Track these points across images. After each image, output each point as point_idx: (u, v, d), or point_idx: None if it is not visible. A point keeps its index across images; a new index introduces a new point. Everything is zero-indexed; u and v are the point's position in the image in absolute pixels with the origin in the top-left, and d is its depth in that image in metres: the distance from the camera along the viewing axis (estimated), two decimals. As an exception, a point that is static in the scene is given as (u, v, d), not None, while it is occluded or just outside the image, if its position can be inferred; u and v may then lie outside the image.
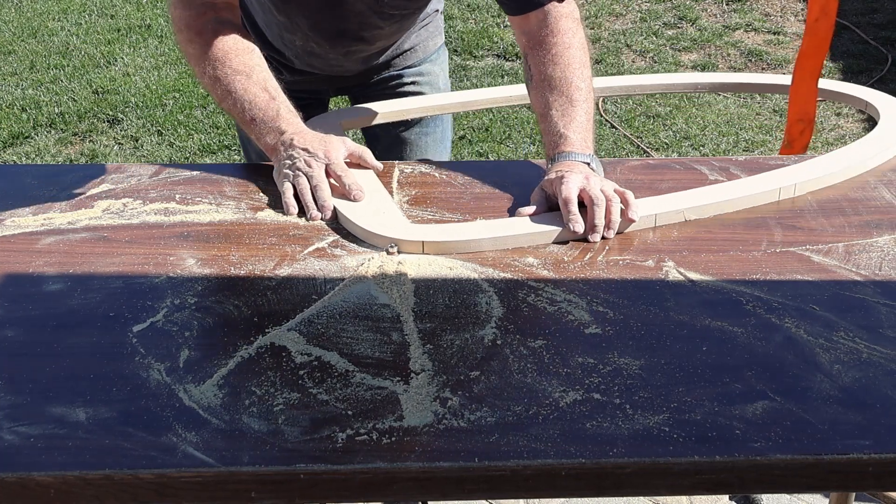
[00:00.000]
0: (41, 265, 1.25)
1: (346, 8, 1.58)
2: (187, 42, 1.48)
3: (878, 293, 1.17)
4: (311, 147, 1.42)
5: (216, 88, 1.47)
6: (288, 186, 1.41)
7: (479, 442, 0.94)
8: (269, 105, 1.46)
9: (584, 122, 1.45)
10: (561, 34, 1.48)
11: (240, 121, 1.49)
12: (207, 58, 1.46)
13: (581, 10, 1.53)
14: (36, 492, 0.92)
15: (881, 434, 0.94)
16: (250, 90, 1.46)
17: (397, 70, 1.83)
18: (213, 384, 1.02)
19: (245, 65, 1.47)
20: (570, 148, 1.41)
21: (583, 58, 1.49)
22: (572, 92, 1.45)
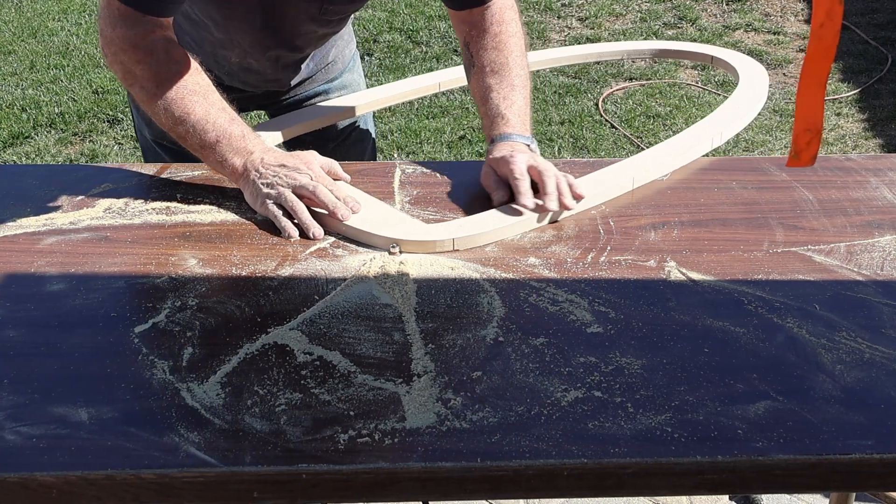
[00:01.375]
0: (43, 265, 1.25)
1: (287, 22, 1.54)
2: (134, 63, 1.35)
3: (880, 293, 1.17)
4: (287, 163, 1.37)
5: (170, 111, 1.36)
6: (274, 208, 1.34)
7: (481, 442, 0.94)
8: (231, 126, 1.38)
9: (523, 106, 1.50)
10: (504, 24, 1.53)
11: (197, 144, 1.38)
12: (159, 78, 1.36)
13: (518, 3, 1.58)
14: (38, 492, 0.92)
15: (883, 434, 0.94)
16: (210, 111, 1.37)
17: (322, 85, 1.80)
18: (216, 384, 1.02)
19: (199, 85, 1.38)
20: (511, 129, 1.45)
21: (522, 47, 1.55)
22: (513, 78, 1.50)
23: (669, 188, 1.44)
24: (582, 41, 4.62)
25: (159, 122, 1.39)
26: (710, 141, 1.55)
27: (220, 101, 1.39)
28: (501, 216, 1.33)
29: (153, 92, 1.36)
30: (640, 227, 1.33)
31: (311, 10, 1.53)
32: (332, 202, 1.33)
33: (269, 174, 1.35)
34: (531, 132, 1.48)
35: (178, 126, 1.37)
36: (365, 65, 4.43)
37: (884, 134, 3.82)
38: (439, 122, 3.86)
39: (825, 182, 1.45)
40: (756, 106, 1.69)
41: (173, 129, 1.38)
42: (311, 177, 1.35)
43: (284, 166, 1.36)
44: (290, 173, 1.35)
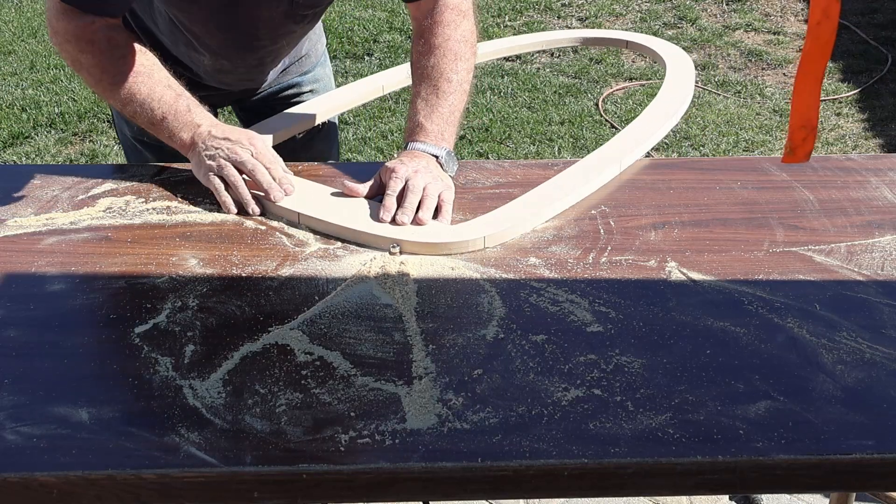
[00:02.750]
0: (43, 265, 1.25)
1: (259, 23, 1.54)
2: (78, 52, 1.39)
3: (881, 293, 1.17)
4: (231, 136, 1.40)
5: (117, 93, 1.40)
6: (216, 181, 1.37)
7: (482, 442, 0.94)
8: (177, 101, 1.41)
9: (447, 115, 1.46)
10: (442, 25, 1.49)
11: (147, 122, 1.42)
12: (103, 64, 1.39)
13: (472, 3, 1.56)
14: (39, 492, 0.92)
15: (884, 434, 0.95)
16: (155, 89, 1.40)
17: (295, 78, 1.80)
18: (216, 384, 1.02)
19: (143, 65, 1.41)
20: (424, 138, 1.43)
21: (460, 50, 1.49)
22: (441, 83, 1.46)
23: (670, 188, 1.44)
24: (582, 41, 4.63)
25: (112, 105, 1.44)
26: (663, 127, 1.58)
27: (165, 78, 1.42)
28: (523, 209, 1.34)
29: (99, 77, 1.40)
30: (641, 227, 1.33)
31: (280, 7, 1.52)
32: (267, 182, 1.37)
33: (213, 146, 1.39)
34: (450, 143, 1.45)
35: (127, 107, 1.41)
36: (365, 65, 4.43)
37: (884, 134, 3.82)
38: (439, 122, 3.86)
39: (825, 182, 1.45)
40: (688, 76, 1.80)
41: (123, 110, 1.42)
42: (251, 153, 1.38)
43: (228, 139, 1.39)
44: (232, 146, 1.38)
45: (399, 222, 1.31)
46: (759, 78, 4.31)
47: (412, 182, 1.35)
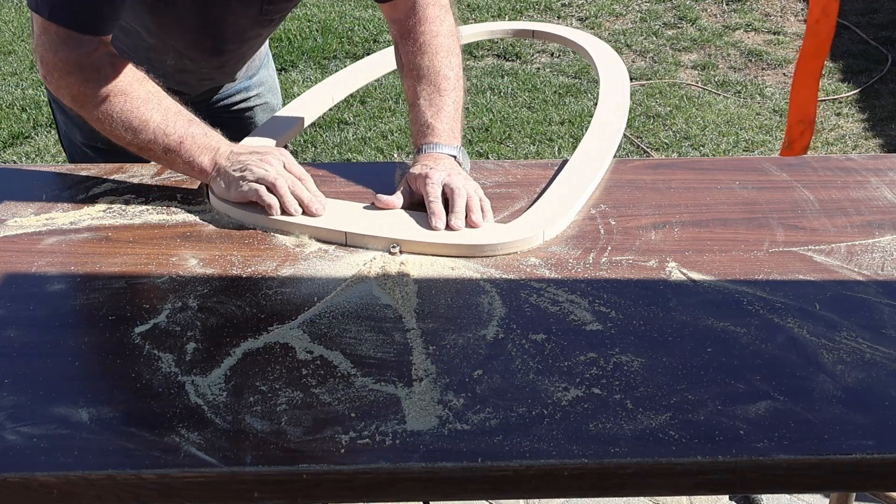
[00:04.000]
0: (43, 265, 1.25)
1: (229, 27, 1.52)
2: (82, 83, 1.33)
3: (881, 293, 1.17)
4: (259, 150, 1.37)
5: (128, 121, 1.34)
6: (254, 185, 1.32)
7: (482, 442, 0.94)
8: (191, 126, 1.37)
9: (452, 113, 1.45)
10: (428, 22, 1.48)
11: (161, 149, 1.35)
12: (111, 93, 1.33)
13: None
14: (39, 492, 0.92)
15: (884, 434, 0.95)
16: (168, 116, 1.36)
17: (243, 82, 1.78)
18: (216, 385, 1.02)
19: (151, 92, 1.37)
20: (437, 139, 1.42)
21: (451, 45, 1.49)
22: (440, 81, 1.45)
23: (670, 188, 1.44)
24: (582, 41, 4.62)
25: (118, 137, 1.36)
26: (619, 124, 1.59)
27: (174, 104, 1.38)
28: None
29: (106, 109, 1.34)
30: (641, 227, 1.33)
31: (250, 13, 1.51)
32: (308, 197, 1.33)
33: (239, 161, 1.35)
34: (460, 140, 1.44)
35: (140, 136, 1.35)
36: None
37: (884, 134, 3.82)
38: (439, 122, 3.86)
39: (826, 182, 1.45)
40: (619, 66, 1.80)
41: (134, 140, 1.35)
42: (284, 165, 1.36)
43: (256, 153, 1.37)
44: (263, 157, 1.35)
45: (453, 227, 1.29)
46: (759, 78, 4.31)
47: (452, 185, 1.33)
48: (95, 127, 1.38)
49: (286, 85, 4.11)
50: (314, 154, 3.67)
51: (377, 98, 4.06)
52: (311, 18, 4.83)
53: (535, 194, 1.41)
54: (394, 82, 4.18)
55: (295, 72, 4.29)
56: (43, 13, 1.30)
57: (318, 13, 4.91)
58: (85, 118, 1.38)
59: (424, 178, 1.34)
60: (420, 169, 1.37)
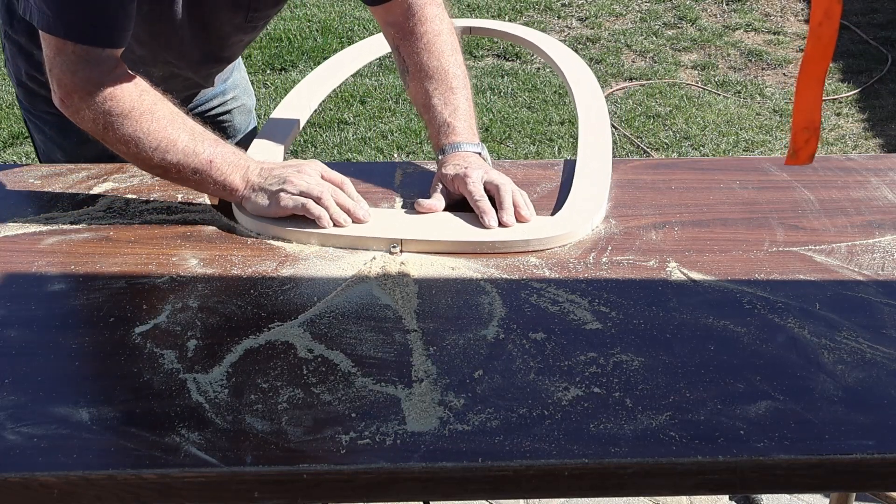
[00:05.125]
0: (44, 265, 1.25)
1: (213, 34, 1.51)
2: (106, 101, 1.28)
3: (881, 293, 1.17)
4: (290, 163, 1.35)
5: (155, 141, 1.29)
6: (299, 199, 1.29)
7: (482, 442, 0.94)
8: (218, 145, 1.33)
9: (467, 109, 1.45)
10: (428, 21, 1.47)
11: (190, 170, 1.31)
12: (137, 113, 1.29)
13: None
14: (39, 492, 0.92)
15: (884, 434, 0.95)
16: (195, 136, 1.32)
17: (220, 86, 1.76)
18: (217, 382, 1.02)
19: (174, 112, 1.33)
20: (459, 138, 1.41)
21: (454, 43, 1.49)
22: (450, 80, 1.45)
23: (670, 188, 1.44)
24: (582, 41, 4.62)
25: (144, 159, 1.32)
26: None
27: (196, 123, 1.35)
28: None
29: (133, 130, 1.29)
30: (641, 227, 1.33)
31: (236, 21, 1.50)
32: (352, 204, 1.31)
33: (275, 175, 1.32)
34: (478, 136, 1.45)
35: (167, 156, 1.30)
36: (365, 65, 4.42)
37: (884, 134, 3.82)
38: (439, 122, 3.86)
39: (826, 182, 1.45)
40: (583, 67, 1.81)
41: (162, 161, 1.31)
42: (322, 174, 1.34)
43: (290, 166, 1.34)
44: (301, 168, 1.33)
45: (506, 224, 1.30)
46: (759, 78, 4.31)
47: (495, 183, 1.33)
48: (117, 149, 1.33)
49: (286, 85, 4.11)
50: (314, 154, 3.66)
51: (377, 98, 4.06)
52: (311, 18, 4.84)
53: (535, 194, 1.41)
54: (394, 82, 4.17)
55: (295, 72, 4.29)
56: (58, 33, 1.25)
57: (318, 13, 4.91)
58: (107, 141, 1.32)
59: (464, 178, 1.34)
60: (454, 170, 1.36)
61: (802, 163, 0.94)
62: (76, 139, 1.62)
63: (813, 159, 0.94)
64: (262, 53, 4.41)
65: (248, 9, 1.50)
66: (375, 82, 4.20)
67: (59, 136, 1.63)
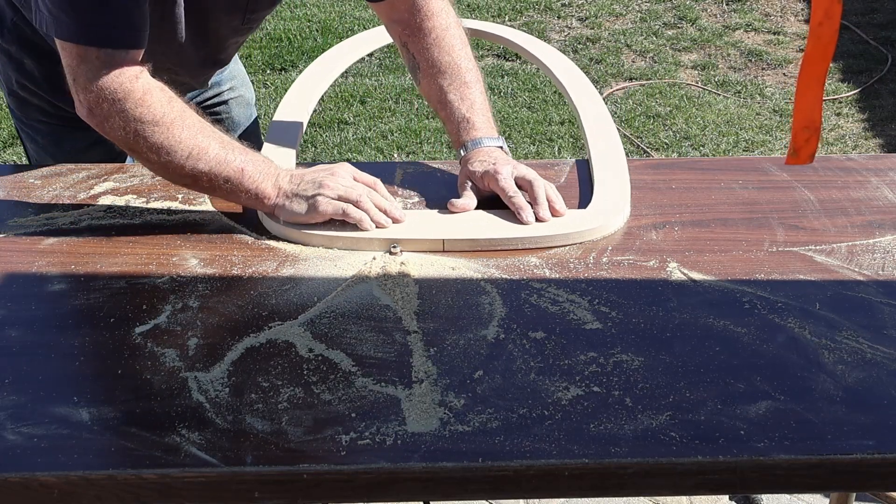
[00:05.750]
0: (44, 265, 1.25)
1: (212, 36, 1.50)
2: (136, 107, 1.25)
3: (881, 293, 1.17)
4: (318, 168, 1.34)
5: (189, 149, 1.27)
6: (338, 204, 1.27)
7: (483, 442, 0.94)
8: (247, 153, 1.31)
9: (483, 103, 1.45)
10: (435, 16, 1.46)
11: (222, 179, 1.28)
12: (168, 120, 1.26)
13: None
14: (39, 492, 0.92)
15: (885, 434, 0.95)
16: (224, 144, 1.29)
17: (215, 77, 1.75)
18: (217, 384, 1.02)
19: (200, 121, 1.31)
20: (480, 133, 1.41)
21: (462, 37, 1.48)
22: (464, 74, 1.44)
23: (670, 188, 1.44)
24: (582, 41, 4.63)
25: (175, 168, 1.28)
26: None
27: (223, 133, 1.33)
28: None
29: (166, 138, 1.26)
30: (641, 227, 1.33)
31: (233, 23, 1.50)
32: (387, 204, 1.31)
33: (309, 179, 1.30)
34: (497, 129, 1.44)
35: (199, 164, 1.27)
36: (365, 65, 4.43)
37: (884, 134, 3.82)
38: (439, 123, 3.85)
39: (826, 182, 1.45)
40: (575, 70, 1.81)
41: (193, 169, 1.28)
42: (354, 176, 1.33)
43: (322, 171, 1.32)
44: (334, 172, 1.31)
45: (543, 219, 1.30)
46: (759, 78, 4.31)
47: (527, 178, 1.34)
48: (146, 159, 1.29)
49: (286, 85, 4.10)
50: (314, 154, 3.66)
51: (377, 98, 4.06)
52: (311, 18, 4.83)
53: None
54: (394, 82, 4.18)
55: (295, 72, 4.29)
56: (79, 39, 1.23)
57: (318, 13, 4.91)
58: (136, 151, 1.29)
59: (494, 175, 1.34)
60: (482, 166, 1.36)
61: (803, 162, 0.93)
62: (69, 148, 1.62)
63: (813, 159, 0.94)
64: (262, 53, 4.41)
65: (246, 10, 1.49)
66: (375, 82, 4.20)
67: (52, 146, 1.62)
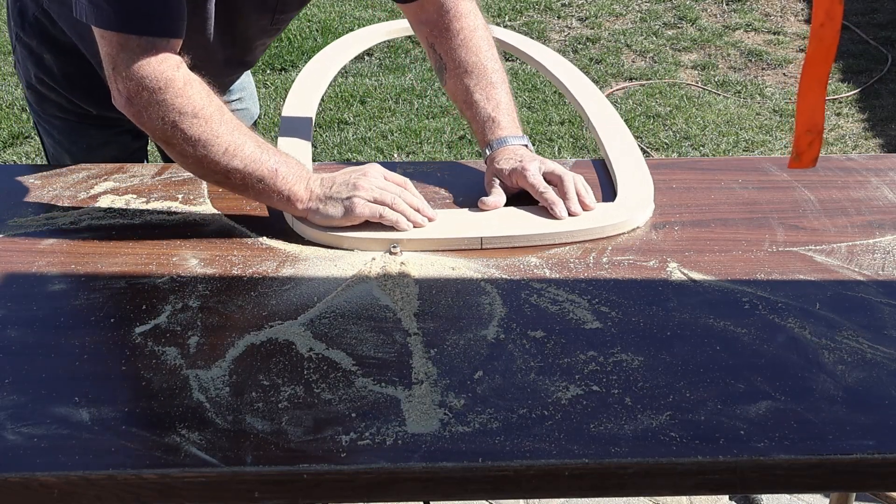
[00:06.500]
0: (44, 265, 1.25)
1: (240, 36, 1.50)
2: (177, 97, 1.24)
3: (881, 293, 1.17)
4: (347, 170, 1.33)
5: (225, 145, 1.25)
6: (374, 207, 1.28)
7: (483, 442, 0.94)
8: (280, 154, 1.30)
9: (509, 103, 1.47)
10: (464, 17, 1.48)
11: (255, 178, 1.27)
12: (206, 113, 1.25)
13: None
14: (39, 492, 0.92)
15: (885, 434, 0.95)
16: (259, 144, 1.29)
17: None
18: (217, 382, 1.02)
19: (235, 119, 1.30)
20: (505, 132, 1.43)
21: (489, 38, 1.50)
22: (490, 74, 1.46)
23: (670, 188, 1.44)
24: (582, 41, 4.63)
25: (210, 164, 1.26)
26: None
27: (255, 133, 1.32)
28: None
29: (204, 131, 1.25)
30: (641, 226, 1.33)
31: (262, 23, 1.50)
32: (419, 204, 1.31)
33: (342, 181, 1.30)
34: (522, 129, 1.46)
35: (233, 161, 1.26)
36: (365, 65, 4.43)
37: (884, 134, 3.82)
38: (439, 122, 3.86)
39: (826, 182, 1.45)
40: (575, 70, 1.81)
41: (228, 165, 1.26)
42: (385, 176, 1.33)
43: (352, 172, 1.32)
44: (365, 173, 1.31)
45: (575, 213, 1.32)
46: (759, 78, 4.31)
47: (557, 173, 1.36)
48: (181, 151, 1.27)
49: (286, 85, 4.10)
50: (314, 154, 3.65)
51: (377, 98, 4.06)
52: (311, 18, 4.83)
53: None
54: (394, 82, 4.18)
55: (295, 72, 4.29)
56: (122, 28, 1.22)
57: (318, 13, 4.91)
58: (172, 143, 1.27)
59: (522, 171, 1.36)
60: (509, 164, 1.38)
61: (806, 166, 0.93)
62: (85, 145, 1.63)
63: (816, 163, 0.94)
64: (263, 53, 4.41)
65: (275, 10, 1.50)
66: (375, 82, 4.20)
67: (68, 142, 1.63)
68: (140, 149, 1.72)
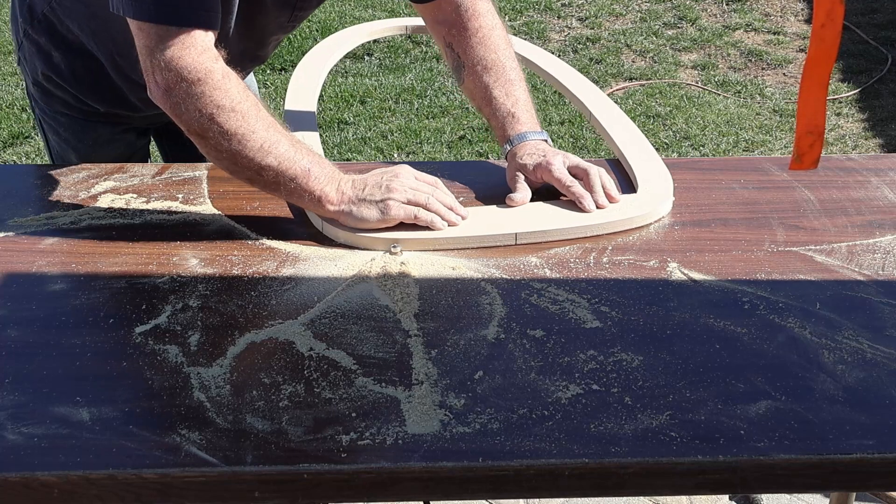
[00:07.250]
0: (44, 265, 1.25)
1: (257, 30, 1.49)
2: (215, 90, 1.23)
3: (881, 293, 1.17)
4: (377, 171, 1.33)
5: (260, 142, 1.24)
6: (408, 208, 1.28)
7: (483, 442, 0.94)
8: (313, 155, 1.29)
9: (527, 100, 1.48)
10: (481, 16, 1.49)
11: (288, 177, 1.26)
12: (244, 108, 1.24)
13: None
14: (39, 492, 0.92)
15: (885, 434, 0.95)
16: (293, 143, 1.28)
17: None
18: (218, 380, 1.02)
19: (269, 116, 1.29)
20: (524, 128, 1.44)
21: (506, 36, 1.52)
22: (508, 72, 1.48)
23: (670, 188, 1.44)
24: (582, 41, 4.63)
25: (243, 159, 1.25)
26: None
27: (291, 133, 1.31)
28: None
29: (241, 126, 1.24)
30: (641, 226, 1.33)
31: (280, 18, 1.51)
32: (451, 202, 1.32)
33: (373, 182, 1.30)
34: (540, 124, 1.48)
35: (267, 159, 1.25)
36: (365, 65, 4.43)
37: (884, 134, 3.82)
38: (439, 122, 3.86)
39: (826, 182, 1.45)
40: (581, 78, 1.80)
41: (261, 162, 1.25)
42: (415, 176, 1.33)
43: (383, 174, 1.31)
44: (397, 174, 1.31)
45: (602, 206, 1.34)
46: (759, 78, 4.31)
47: (581, 167, 1.37)
48: (216, 146, 1.25)
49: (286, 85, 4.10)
50: (314, 154, 3.67)
51: (377, 98, 4.06)
52: (311, 18, 4.83)
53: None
54: (394, 82, 4.18)
55: (295, 72, 4.29)
56: (161, 19, 1.22)
57: (318, 13, 4.91)
58: (208, 136, 1.25)
59: (547, 166, 1.37)
60: (532, 159, 1.39)
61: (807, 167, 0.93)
62: (90, 142, 1.63)
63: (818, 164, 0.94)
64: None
65: (295, 7, 1.51)
66: (375, 82, 4.20)
67: (74, 139, 1.63)
68: (144, 146, 1.72)
